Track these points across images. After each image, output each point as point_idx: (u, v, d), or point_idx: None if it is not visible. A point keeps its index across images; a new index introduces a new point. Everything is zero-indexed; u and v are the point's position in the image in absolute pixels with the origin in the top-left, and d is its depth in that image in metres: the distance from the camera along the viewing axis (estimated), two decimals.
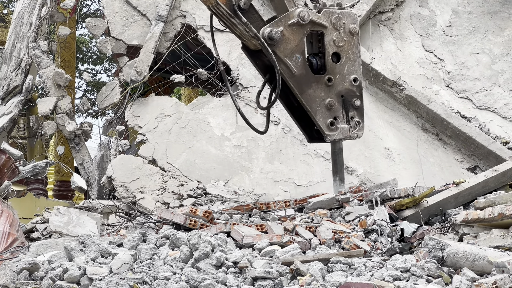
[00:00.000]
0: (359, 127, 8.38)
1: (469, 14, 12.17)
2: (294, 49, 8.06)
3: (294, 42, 8.06)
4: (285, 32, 8.01)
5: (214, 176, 10.76)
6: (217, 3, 7.80)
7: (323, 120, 8.23)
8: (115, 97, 11.30)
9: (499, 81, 11.86)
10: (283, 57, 8.00)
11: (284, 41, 8.00)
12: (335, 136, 8.29)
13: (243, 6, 7.87)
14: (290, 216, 7.85)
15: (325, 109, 8.23)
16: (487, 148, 11.16)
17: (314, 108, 8.19)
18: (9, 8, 26.49)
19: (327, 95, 8.25)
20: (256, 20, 8.02)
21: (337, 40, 8.29)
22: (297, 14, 8.06)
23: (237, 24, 7.90)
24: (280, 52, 7.99)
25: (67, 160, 16.56)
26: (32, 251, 7.09)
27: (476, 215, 6.94)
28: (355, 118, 8.37)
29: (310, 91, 8.16)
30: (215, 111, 11.24)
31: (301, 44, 8.15)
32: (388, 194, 7.92)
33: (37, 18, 12.08)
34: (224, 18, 7.97)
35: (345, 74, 8.35)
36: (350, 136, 8.36)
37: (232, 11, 7.84)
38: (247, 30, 7.86)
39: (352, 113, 8.37)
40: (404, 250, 6.88)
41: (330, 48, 8.28)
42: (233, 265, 6.13)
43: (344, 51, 8.36)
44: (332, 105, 8.24)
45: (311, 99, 8.19)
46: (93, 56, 30.07)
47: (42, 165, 10.00)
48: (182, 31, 11.54)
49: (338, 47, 8.32)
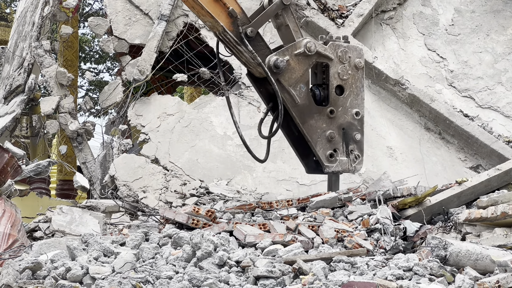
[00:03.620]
0: (358, 160, 8.49)
1: (472, 13, 12.16)
2: (299, 79, 8.16)
3: (299, 72, 8.15)
4: (291, 61, 8.10)
5: (216, 175, 10.76)
6: (224, 30, 7.88)
7: (323, 152, 8.33)
8: (117, 96, 11.31)
9: (502, 80, 11.85)
10: (287, 86, 8.10)
11: (289, 71, 8.09)
12: (333, 168, 8.41)
13: (249, 34, 7.97)
14: (292, 215, 7.85)
15: (326, 141, 8.33)
16: (490, 147, 11.16)
17: (315, 138, 8.29)
18: (12, 7, 26.50)
19: (329, 126, 8.36)
20: (262, 48, 8.13)
21: (342, 73, 8.39)
22: (304, 45, 8.15)
23: (243, 52, 8.00)
24: (284, 81, 8.08)
25: (69, 159, 16.57)
26: (35, 250, 7.10)
27: (479, 214, 6.94)
28: (354, 151, 8.49)
29: (312, 121, 8.26)
30: (218, 110, 11.24)
31: (306, 74, 8.26)
32: (391, 193, 7.92)
33: (39, 17, 12.09)
34: (230, 45, 8.07)
35: (347, 107, 8.45)
36: (348, 169, 8.51)
37: (239, 38, 7.95)
38: (253, 58, 7.92)
39: (352, 147, 8.49)
40: (407, 249, 6.88)
41: (335, 81, 8.38)
42: (235, 264, 6.13)
43: (348, 84, 8.46)
44: (333, 137, 8.35)
45: (312, 129, 8.29)
46: (96, 55, 30.08)
47: (44, 164, 10.01)
48: (184, 30, 11.54)
49: (343, 80, 8.42)
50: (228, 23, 7.92)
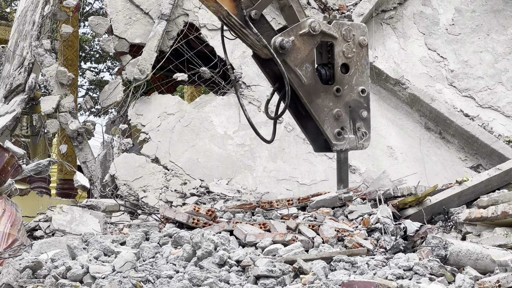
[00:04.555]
0: (365, 137, 8.49)
1: (472, 12, 12.15)
2: (304, 59, 8.15)
3: (304, 52, 8.15)
4: (296, 42, 8.10)
5: (217, 175, 10.76)
6: (228, 14, 7.87)
7: (330, 130, 8.33)
8: (118, 96, 11.30)
9: (502, 80, 11.85)
10: (293, 67, 8.09)
11: (294, 51, 8.09)
12: (342, 146, 8.39)
13: (254, 16, 7.96)
14: (293, 215, 7.85)
15: (333, 119, 8.33)
16: (490, 147, 11.16)
17: (322, 117, 8.29)
18: (12, 6, 26.50)
19: (335, 105, 8.35)
20: (267, 30, 8.11)
21: (347, 52, 8.39)
22: (308, 25, 8.15)
23: (248, 34, 7.99)
24: (290, 62, 8.08)
25: (70, 159, 16.59)
26: (35, 250, 7.10)
27: (479, 214, 6.94)
28: (361, 128, 8.48)
29: (318, 100, 8.25)
30: (218, 109, 11.24)
31: (311, 54, 8.25)
32: (391, 193, 7.92)
33: (40, 17, 12.09)
34: (235, 29, 8.05)
35: (353, 85, 8.45)
36: (356, 146, 8.49)
37: (243, 21, 7.93)
38: (258, 40, 7.92)
39: (359, 124, 8.47)
40: (407, 249, 6.88)
41: (340, 59, 8.38)
42: (236, 264, 6.13)
43: (353, 62, 8.46)
44: (340, 115, 8.35)
45: (320, 108, 8.28)
46: (96, 54, 30.09)
47: (45, 164, 10.01)
48: (185, 30, 11.53)
49: (347, 58, 8.42)
50: (231, 7, 7.91)
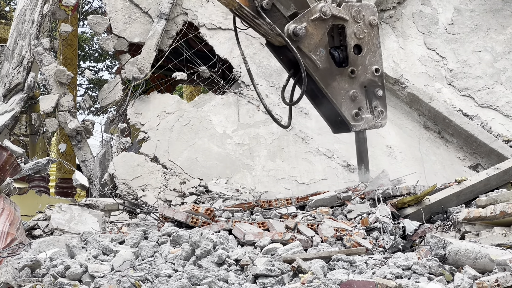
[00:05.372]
0: (382, 116, 8.59)
1: (471, 12, 12.15)
2: (318, 43, 8.24)
3: (317, 37, 8.23)
4: (309, 27, 8.17)
5: (216, 174, 10.76)
6: (240, 6, 7.94)
7: (348, 111, 8.41)
8: (117, 95, 11.31)
9: (501, 79, 11.85)
10: (308, 52, 8.18)
11: (308, 37, 8.17)
12: (360, 127, 8.50)
13: (265, 6, 8.02)
14: (291, 214, 7.85)
15: (350, 101, 8.41)
16: (489, 146, 11.16)
17: (339, 100, 8.38)
18: (11, 5, 26.49)
19: (351, 86, 8.44)
20: (279, 18, 8.18)
21: (358, 33, 8.46)
22: (319, 10, 8.21)
23: (261, 24, 8.07)
24: (304, 48, 8.16)
25: (69, 158, 16.58)
26: (34, 249, 7.10)
27: (478, 213, 6.94)
28: (378, 107, 8.56)
29: (334, 83, 8.35)
30: (217, 108, 11.24)
31: (324, 38, 8.33)
32: (390, 192, 7.93)
33: (39, 16, 12.09)
34: (248, 19, 8.13)
35: (367, 65, 8.53)
36: (374, 125, 8.60)
37: (255, 12, 8.00)
38: (272, 29, 7.98)
39: (376, 103, 8.56)
40: (406, 248, 6.88)
41: (352, 41, 8.45)
42: (234, 263, 6.13)
43: (365, 42, 8.53)
44: (356, 96, 8.43)
45: (336, 91, 8.37)
46: (95, 53, 30.09)
47: (44, 163, 10.01)
48: (184, 29, 11.54)
49: (359, 39, 8.49)
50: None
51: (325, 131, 9.18)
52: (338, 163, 10.93)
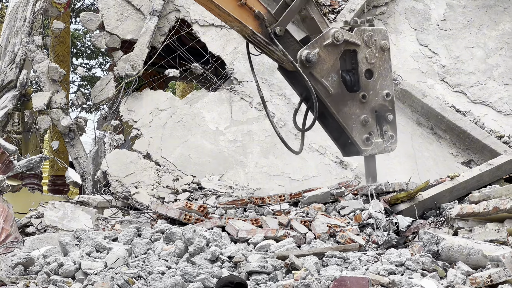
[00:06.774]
0: (392, 140, 8.67)
1: (464, 8, 12.16)
2: (330, 69, 8.31)
3: (329, 62, 8.31)
4: (321, 53, 8.25)
5: (209, 171, 10.75)
6: (253, 33, 8.00)
7: (359, 136, 8.50)
8: (109, 92, 11.28)
9: (493, 75, 11.86)
10: (320, 78, 8.25)
11: (320, 62, 8.24)
12: (370, 151, 8.56)
13: (278, 33, 8.09)
14: (285, 211, 7.86)
15: (361, 125, 8.50)
16: (482, 142, 11.16)
17: (350, 125, 8.45)
18: (3, 2, 26.41)
19: (362, 111, 8.51)
20: (292, 44, 8.27)
21: (370, 57, 8.52)
22: (332, 35, 8.26)
23: (274, 51, 8.10)
24: (317, 73, 8.23)
25: (61, 155, 16.53)
26: (27, 246, 7.10)
27: (471, 209, 6.96)
28: (388, 132, 8.64)
29: (346, 109, 8.41)
30: (210, 105, 11.22)
31: (336, 63, 8.40)
32: (383, 188, 7.95)
33: (31, 13, 12.05)
34: (261, 46, 8.18)
35: (378, 90, 8.61)
36: (384, 150, 8.68)
37: (268, 39, 8.08)
38: (285, 56, 8.01)
39: (386, 127, 8.65)
40: (399, 244, 6.89)
41: (363, 66, 8.52)
42: (228, 260, 6.14)
43: (376, 67, 8.60)
44: (367, 121, 8.51)
45: (347, 116, 8.44)
46: (88, 50, 29.99)
47: (36, 160, 9.98)
48: (176, 26, 11.51)
49: (371, 64, 8.57)
50: (256, 26, 8.02)
51: (317, 128, 9.17)
52: (331, 160, 10.93)
